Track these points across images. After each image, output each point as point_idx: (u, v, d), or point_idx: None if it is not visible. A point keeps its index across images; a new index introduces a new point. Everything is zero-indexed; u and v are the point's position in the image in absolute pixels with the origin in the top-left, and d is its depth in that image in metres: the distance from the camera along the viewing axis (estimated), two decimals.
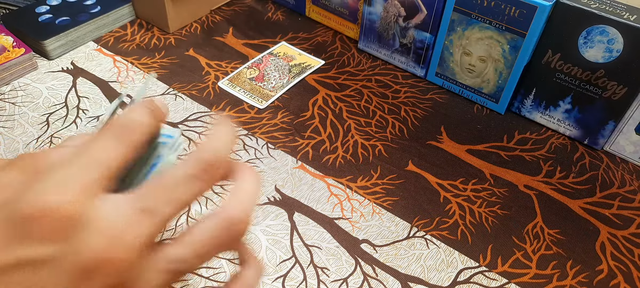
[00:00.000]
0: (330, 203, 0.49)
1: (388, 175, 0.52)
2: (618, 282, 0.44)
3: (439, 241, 0.46)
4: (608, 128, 0.55)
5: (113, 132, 0.23)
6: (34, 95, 0.59)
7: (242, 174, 0.26)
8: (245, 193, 0.25)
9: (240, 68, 0.66)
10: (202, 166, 0.24)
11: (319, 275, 0.43)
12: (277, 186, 0.50)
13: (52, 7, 0.69)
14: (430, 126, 0.59)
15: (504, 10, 0.54)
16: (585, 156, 0.56)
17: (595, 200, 0.51)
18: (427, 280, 0.43)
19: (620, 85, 0.52)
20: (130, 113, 0.25)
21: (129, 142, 0.23)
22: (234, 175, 0.26)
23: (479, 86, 0.61)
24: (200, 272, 0.42)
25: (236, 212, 0.24)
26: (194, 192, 0.23)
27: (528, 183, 0.53)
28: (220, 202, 0.24)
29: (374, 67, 0.67)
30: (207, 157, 0.24)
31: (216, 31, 0.73)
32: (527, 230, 0.48)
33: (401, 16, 0.63)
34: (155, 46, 0.69)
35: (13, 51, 0.61)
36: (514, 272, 0.44)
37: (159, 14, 0.70)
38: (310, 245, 0.45)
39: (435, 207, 0.49)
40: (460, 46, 0.60)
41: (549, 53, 0.55)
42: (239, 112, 0.59)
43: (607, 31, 0.50)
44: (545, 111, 0.58)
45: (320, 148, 0.55)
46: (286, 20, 0.76)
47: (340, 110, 0.60)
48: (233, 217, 0.24)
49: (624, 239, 0.48)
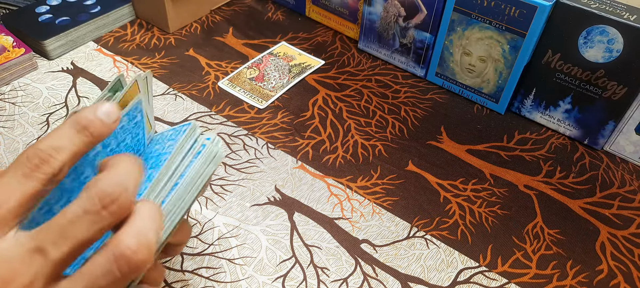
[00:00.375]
0: (330, 203, 0.49)
1: (388, 175, 0.52)
2: (618, 282, 0.44)
3: (439, 241, 0.46)
4: (608, 128, 0.55)
5: (20, 168, 0.22)
6: (34, 95, 0.59)
7: (139, 207, 0.24)
8: (140, 223, 0.23)
9: (240, 68, 0.66)
10: (98, 202, 0.22)
11: (319, 275, 0.43)
12: (277, 186, 0.50)
13: (52, 7, 0.69)
14: (430, 126, 0.59)
15: (504, 10, 0.54)
16: (585, 156, 0.56)
17: (595, 200, 0.51)
18: (427, 280, 0.43)
19: (620, 85, 0.52)
20: (47, 139, 0.23)
21: (38, 177, 0.22)
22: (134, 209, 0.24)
23: (479, 86, 0.61)
24: (200, 272, 0.42)
25: (130, 244, 0.23)
26: (93, 229, 0.22)
27: (528, 183, 0.53)
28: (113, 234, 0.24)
29: (374, 67, 0.67)
30: (102, 193, 0.22)
31: (216, 31, 0.73)
32: (527, 230, 0.48)
33: (401, 16, 0.63)
34: (155, 46, 0.69)
35: (13, 51, 0.61)
36: (514, 272, 0.44)
37: (159, 14, 0.70)
38: (310, 245, 0.45)
39: (435, 207, 0.49)
40: (460, 46, 0.60)
41: (549, 53, 0.55)
42: (239, 112, 0.59)
43: (607, 31, 0.50)
44: (545, 111, 0.58)
45: (320, 148, 0.55)
46: (286, 20, 0.76)
47: (340, 110, 0.60)
48: (124, 252, 0.22)
49: (624, 239, 0.48)
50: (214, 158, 0.30)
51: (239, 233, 0.46)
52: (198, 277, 0.42)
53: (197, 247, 0.44)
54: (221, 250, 0.44)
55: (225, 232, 0.46)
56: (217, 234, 0.46)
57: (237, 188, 0.50)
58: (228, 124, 0.57)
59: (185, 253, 0.44)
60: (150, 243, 0.23)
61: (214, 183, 0.50)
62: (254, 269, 0.43)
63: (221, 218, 0.47)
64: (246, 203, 0.48)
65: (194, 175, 0.29)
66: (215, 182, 0.50)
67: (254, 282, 0.42)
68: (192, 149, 0.30)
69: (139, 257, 0.23)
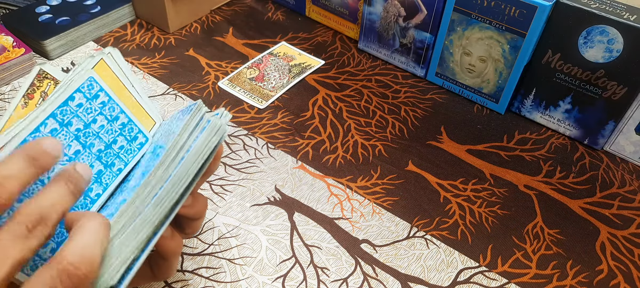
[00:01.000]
0: (330, 203, 0.49)
1: (388, 175, 0.52)
2: (618, 282, 0.44)
3: (439, 241, 0.46)
4: (608, 128, 0.55)
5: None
6: None
7: (83, 221, 0.25)
8: (83, 239, 0.24)
9: (240, 68, 0.66)
10: (27, 222, 0.23)
11: (319, 275, 0.43)
12: (277, 186, 0.50)
13: (52, 7, 0.69)
14: (430, 126, 0.59)
15: (504, 10, 0.54)
16: (585, 156, 0.56)
17: (595, 200, 0.51)
18: (427, 280, 0.43)
19: (620, 85, 0.52)
20: None
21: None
22: (75, 225, 0.25)
23: (479, 86, 0.61)
24: (200, 272, 0.42)
25: (73, 260, 0.24)
26: (26, 248, 0.23)
27: (528, 183, 0.53)
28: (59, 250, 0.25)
29: (374, 67, 0.67)
30: (30, 212, 0.24)
31: (216, 31, 0.73)
32: (527, 230, 0.48)
33: (401, 16, 0.63)
34: (155, 46, 0.69)
35: (13, 51, 0.61)
36: (514, 272, 0.44)
37: (159, 14, 0.70)
38: (310, 245, 0.45)
39: (435, 207, 0.49)
40: (460, 46, 0.60)
41: (549, 53, 0.55)
42: (239, 112, 0.59)
43: (607, 31, 0.50)
44: (545, 111, 0.58)
45: (320, 148, 0.55)
46: (286, 20, 0.76)
47: (340, 110, 0.60)
48: (67, 268, 0.23)
49: (624, 239, 0.48)
50: (218, 130, 0.31)
51: (239, 234, 0.46)
52: (198, 277, 0.42)
53: (197, 247, 0.44)
54: (221, 250, 0.44)
55: (225, 232, 0.46)
56: (217, 234, 0.46)
57: (237, 188, 0.50)
58: (228, 124, 0.57)
59: (186, 253, 0.44)
60: (93, 257, 0.24)
61: (214, 183, 0.50)
62: (254, 269, 0.43)
63: (221, 218, 0.47)
64: (246, 203, 0.48)
65: (198, 147, 0.30)
66: (215, 182, 0.50)
67: (254, 282, 0.42)
68: (197, 126, 0.31)
69: (82, 271, 0.24)
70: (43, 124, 0.29)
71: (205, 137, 0.30)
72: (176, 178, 0.29)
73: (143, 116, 0.35)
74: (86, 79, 0.32)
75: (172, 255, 0.33)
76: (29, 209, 0.24)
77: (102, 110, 0.32)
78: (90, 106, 0.32)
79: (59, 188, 0.26)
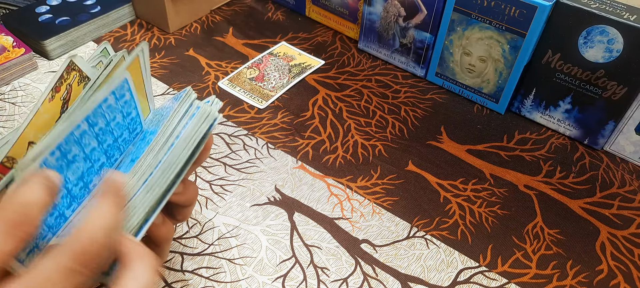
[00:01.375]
0: (330, 203, 0.49)
1: (388, 175, 0.52)
2: (618, 282, 0.44)
3: (439, 241, 0.46)
4: (608, 128, 0.55)
5: (2, 226, 0.22)
6: (34, 95, 0.59)
7: (131, 262, 0.24)
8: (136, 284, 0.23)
9: (240, 68, 0.66)
10: (76, 256, 0.22)
11: (319, 275, 0.43)
12: (277, 186, 0.50)
13: (52, 7, 0.69)
14: (430, 126, 0.59)
15: (504, 10, 0.54)
16: (585, 156, 0.56)
17: (595, 200, 0.51)
18: (427, 280, 0.43)
19: (620, 85, 0.52)
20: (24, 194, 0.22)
21: (19, 236, 0.22)
22: (122, 259, 0.24)
23: (479, 86, 0.61)
24: (200, 272, 0.42)
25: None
26: (71, 284, 0.22)
27: (528, 183, 0.53)
28: None
29: (374, 67, 0.67)
30: (80, 247, 0.22)
31: (216, 31, 0.73)
32: (527, 230, 0.48)
33: (401, 16, 0.63)
34: (155, 46, 0.69)
35: (13, 51, 0.61)
36: (514, 272, 0.44)
37: (159, 14, 0.70)
38: (310, 245, 0.45)
39: (435, 207, 0.49)
40: (460, 46, 0.60)
41: (549, 53, 0.55)
42: (239, 112, 0.59)
43: (607, 31, 0.50)
44: (545, 111, 0.58)
45: (320, 148, 0.55)
46: (286, 20, 0.76)
47: (340, 110, 0.60)
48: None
49: (624, 239, 0.48)
50: (208, 116, 0.31)
51: (239, 234, 0.46)
52: (198, 277, 0.42)
53: (197, 247, 0.44)
54: (221, 250, 0.44)
55: (225, 232, 0.46)
56: (217, 234, 0.46)
57: (237, 188, 0.50)
58: (228, 123, 0.57)
59: (185, 253, 0.44)
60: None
61: (214, 183, 0.50)
62: (254, 269, 0.43)
63: (221, 218, 0.47)
64: (246, 203, 0.48)
65: (188, 133, 0.30)
66: (215, 182, 0.50)
67: (254, 282, 0.42)
68: (187, 113, 0.31)
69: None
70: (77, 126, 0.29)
71: (195, 123, 0.30)
72: (166, 164, 0.29)
73: (144, 108, 0.35)
74: (122, 81, 0.31)
75: (164, 241, 0.33)
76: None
77: (122, 109, 0.32)
78: (115, 105, 0.31)
79: (108, 208, 0.25)
